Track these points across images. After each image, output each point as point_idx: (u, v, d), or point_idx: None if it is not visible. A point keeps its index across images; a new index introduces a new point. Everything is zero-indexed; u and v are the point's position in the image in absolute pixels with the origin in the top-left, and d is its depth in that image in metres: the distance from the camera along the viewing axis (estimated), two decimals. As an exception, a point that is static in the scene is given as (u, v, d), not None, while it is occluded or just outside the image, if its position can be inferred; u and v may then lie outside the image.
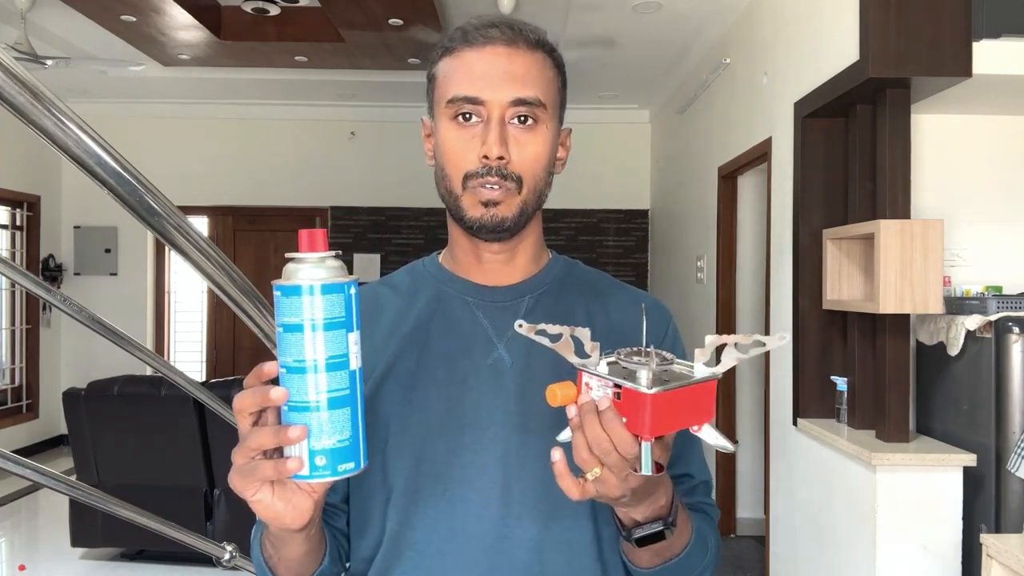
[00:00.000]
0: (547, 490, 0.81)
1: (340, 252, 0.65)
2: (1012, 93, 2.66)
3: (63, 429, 5.83)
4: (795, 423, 3.11)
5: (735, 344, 0.67)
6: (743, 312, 4.47)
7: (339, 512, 0.91)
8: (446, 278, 0.93)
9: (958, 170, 2.94)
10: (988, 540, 2.09)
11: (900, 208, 2.54)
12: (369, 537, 0.87)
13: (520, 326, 0.68)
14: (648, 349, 0.69)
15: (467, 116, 0.84)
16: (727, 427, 4.46)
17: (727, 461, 4.47)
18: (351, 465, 0.65)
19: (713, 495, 0.97)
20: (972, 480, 2.47)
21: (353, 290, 0.65)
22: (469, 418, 0.85)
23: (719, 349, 0.68)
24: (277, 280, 0.64)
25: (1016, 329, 2.38)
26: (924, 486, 2.47)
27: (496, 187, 0.83)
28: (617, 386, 0.66)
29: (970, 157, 2.95)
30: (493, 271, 0.91)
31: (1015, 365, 2.39)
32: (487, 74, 0.83)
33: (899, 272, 2.43)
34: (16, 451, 3.42)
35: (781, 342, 0.65)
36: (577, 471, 0.69)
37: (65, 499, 4.13)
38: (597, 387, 0.68)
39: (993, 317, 2.43)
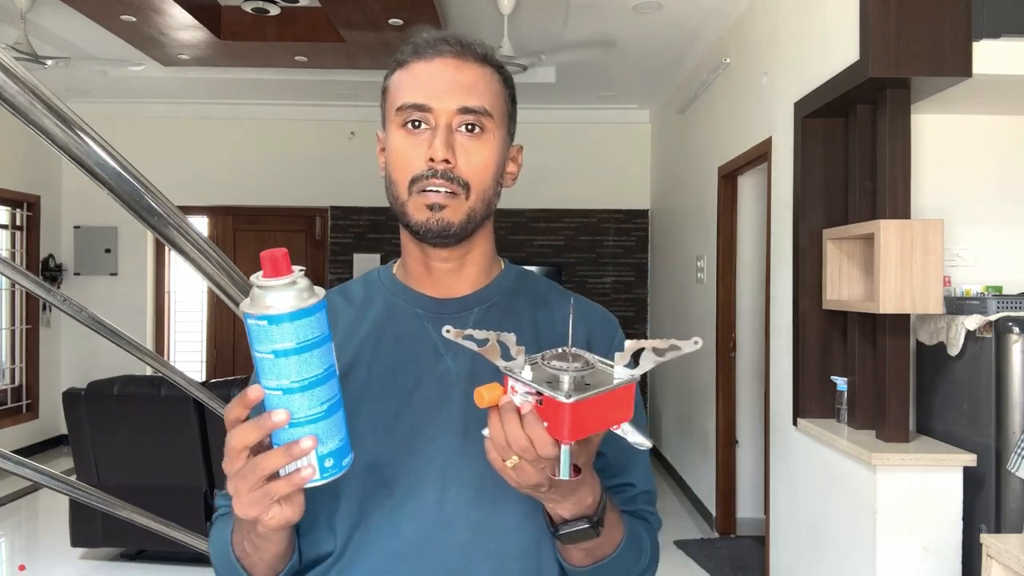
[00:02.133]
0: (479, 498, 0.85)
1: (304, 268, 0.66)
2: (1012, 93, 2.66)
3: (63, 429, 5.83)
4: (795, 423, 3.11)
5: (652, 348, 0.69)
6: (743, 312, 4.47)
7: None
8: (398, 289, 0.95)
9: (958, 170, 2.94)
10: (988, 540, 2.09)
11: (900, 208, 2.54)
12: (319, 539, 0.88)
13: (448, 331, 0.71)
14: (571, 351, 0.71)
15: (416, 123, 0.86)
16: (727, 427, 4.47)
17: (727, 461, 4.47)
18: (350, 457, 0.71)
19: (657, 505, 0.99)
20: (972, 480, 2.47)
21: (325, 302, 0.68)
22: (416, 427, 0.87)
23: (637, 353, 0.71)
24: (255, 309, 0.64)
25: (1016, 329, 2.38)
26: (924, 486, 2.47)
27: (441, 188, 0.85)
28: (539, 392, 0.68)
29: (970, 157, 2.95)
30: (443, 282, 0.93)
31: (1015, 365, 2.39)
32: (435, 83, 0.86)
33: (899, 272, 2.43)
34: (16, 451, 3.42)
35: (696, 347, 0.67)
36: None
37: (65, 499, 4.13)
38: (522, 390, 0.70)
39: (993, 317, 2.43)
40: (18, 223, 6.31)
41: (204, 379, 5.94)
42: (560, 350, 0.71)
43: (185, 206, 6.28)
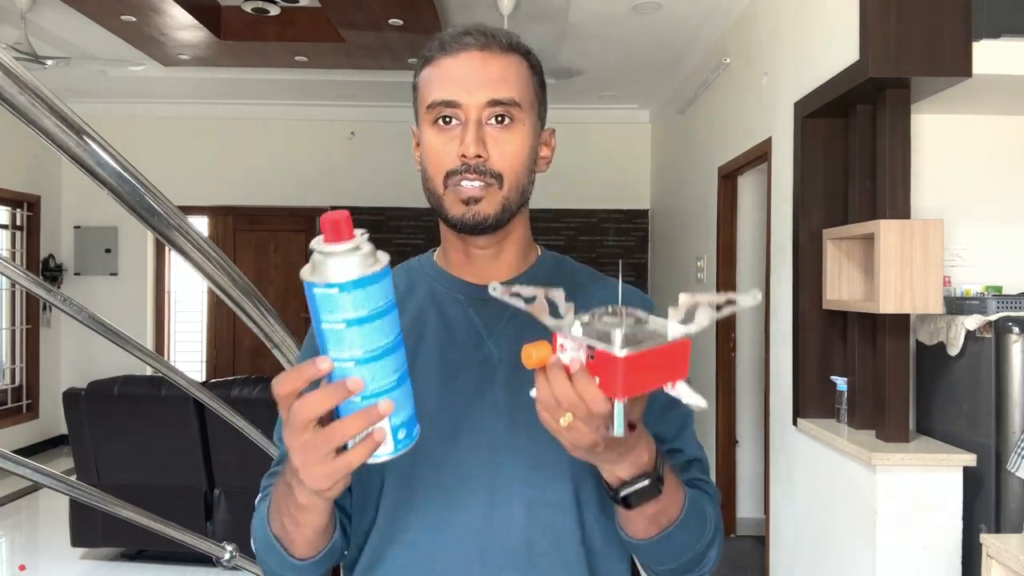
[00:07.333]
0: (533, 477, 0.88)
1: (366, 231, 0.63)
2: (1012, 93, 2.66)
3: (63, 429, 5.83)
4: (795, 423, 3.11)
5: (708, 303, 0.67)
6: (743, 312, 4.47)
7: (348, 490, 0.94)
8: (439, 277, 0.99)
9: (958, 170, 2.94)
10: (988, 540, 2.09)
11: (900, 208, 2.54)
12: (365, 521, 0.91)
13: (495, 289, 0.68)
14: (622, 308, 0.69)
15: (447, 119, 0.89)
16: (727, 427, 4.47)
17: (727, 461, 4.47)
18: (418, 428, 0.69)
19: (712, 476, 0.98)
20: (972, 480, 2.47)
21: (389, 267, 0.66)
22: (460, 410, 0.89)
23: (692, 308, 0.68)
24: (321, 277, 0.61)
25: (1016, 329, 2.38)
26: (924, 486, 2.47)
27: (475, 182, 0.88)
28: (590, 347, 0.66)
29: (970, 157, 2.95)
30: (482, 269, 0.96)
31: (1015, 365, 2.39)
32: (463, 78, 0.88)
33: (899, 272, 2.43)
34: (16, 451, 3.42)
35: (754, 301, 0.64)
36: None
37: (65, 499, 4.13)
38: (571, 348, 0.67)
39: (993, 317, 2.43)
40: (18, 223, 6.31)
41: (204, 379, 5.94)
42: (610, 307, 0.69)
43: (185, 206, 6.28)
